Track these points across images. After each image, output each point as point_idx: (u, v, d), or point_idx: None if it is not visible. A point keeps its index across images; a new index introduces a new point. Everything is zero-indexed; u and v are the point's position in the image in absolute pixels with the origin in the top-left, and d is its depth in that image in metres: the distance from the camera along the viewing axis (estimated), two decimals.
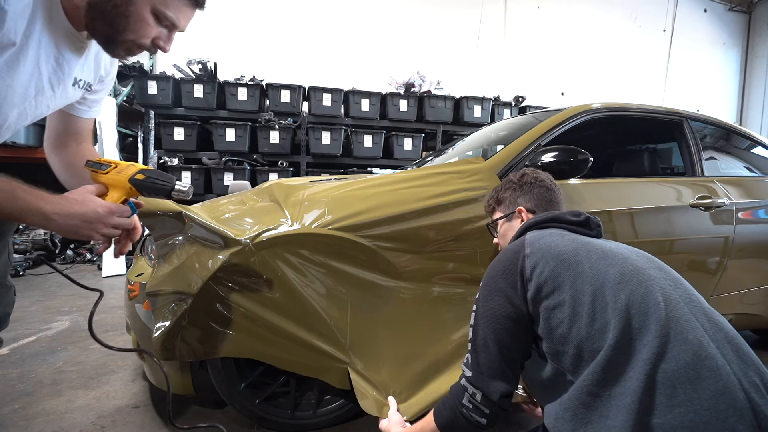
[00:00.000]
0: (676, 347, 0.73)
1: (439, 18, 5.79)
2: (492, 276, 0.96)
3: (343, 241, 1.30)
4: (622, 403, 0.72)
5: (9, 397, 1.67)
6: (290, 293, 1.30)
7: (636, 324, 0.76)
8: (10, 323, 1.07)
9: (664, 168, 2.39)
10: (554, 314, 0.84)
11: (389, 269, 1.35)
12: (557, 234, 0.97)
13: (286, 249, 1.29)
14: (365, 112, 4.53)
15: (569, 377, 0.82)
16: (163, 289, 1.32)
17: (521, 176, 1.21)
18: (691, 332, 0.75)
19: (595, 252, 0.88)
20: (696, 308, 0.81)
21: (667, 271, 0.91)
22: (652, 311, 0.77)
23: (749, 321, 2.09)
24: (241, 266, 1.28)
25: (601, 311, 0.79)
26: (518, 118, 2.30)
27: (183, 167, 4.07)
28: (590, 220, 1.02)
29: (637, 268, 0.85)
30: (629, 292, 0.79)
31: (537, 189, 1.17)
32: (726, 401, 0.68)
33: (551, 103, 5.16)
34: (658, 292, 0.80)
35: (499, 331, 0.90)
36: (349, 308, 1.34)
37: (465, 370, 0.95)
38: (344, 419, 1.51)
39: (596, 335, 0.78)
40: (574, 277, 0.84)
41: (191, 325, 1.27)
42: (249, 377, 1.43)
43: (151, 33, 0.84)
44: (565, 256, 0.88)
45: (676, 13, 6.87)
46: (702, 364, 0.71)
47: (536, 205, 1.16)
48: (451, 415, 0.93)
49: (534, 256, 0.90)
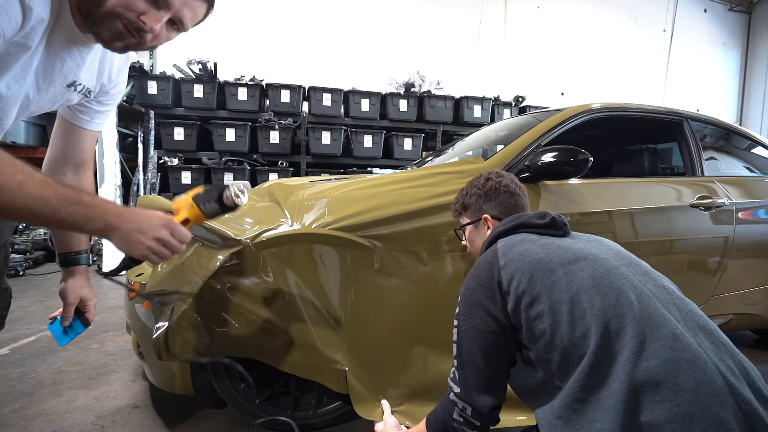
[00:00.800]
0: (653, 344, 0.74)
1: (439, 18, 5.79)
2: (470, 290, 0.95)
3: (343, 241, 1.30)
4: (608, 405, 0.73)
5: (9, 397, 1.67)
6: (290, 293, 1.30)
7: (614, 327, 0.78)
8: (9, 324, 1.07)
9: (664, 168, 2.39)
10: (536, 324, 0.85)
11: (389, 270, 1.35)
12: (527, 240, 0.96)
13: (286, 249, 1.29)
14: (365, 112, 4.53)
15: (557, 382, 0.84)
16: (163, 289, 1.32)
17: (485, 181, 1.20)
18: (666, 327, 0.76)
19: (566, 255, 0.89)
20: (666, 300, 0.83)
21: (636, 265, 0.91)
22: (626, 312, 0.78)
23: (749, 321, 2.09)
24: (241, 266, 1.28)
25: (579, 318, 0.80)
26: (518, 118, 2.30)
27: (183, 167, 4.07)
28: (556, 220, 1.01)
29: (607, 268, 0.86)
30: (603, 295, 0.81)
31: (501, 195, 1.17)
32: (706, 390, 0.70)
33: (551, 103, 5.15)
34: (629, 291, 0.81)
35: (483, 346, 0.91)
36: (349, 309, 1.34)
37: (453, 385, 0.95)
38: (344, 419, 1.51)
39: (578, 342, 0.80)
40: (550, 287, 0.85)
41: (191, 325, 1.27)
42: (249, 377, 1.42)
43: (137, 5, 0.75)
44: (539, 266, 0.88)
45: (676, 13, 6.87)
46: (680, 356, 0.73)
47: (501, 211, 1.16)
48: (443, 428, 0.94)
49: (509, 268, 0.91)
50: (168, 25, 0.80)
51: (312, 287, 1.31)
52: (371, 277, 1.34)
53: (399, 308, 1.38)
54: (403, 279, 1.37)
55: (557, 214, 1.02)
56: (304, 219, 1.33)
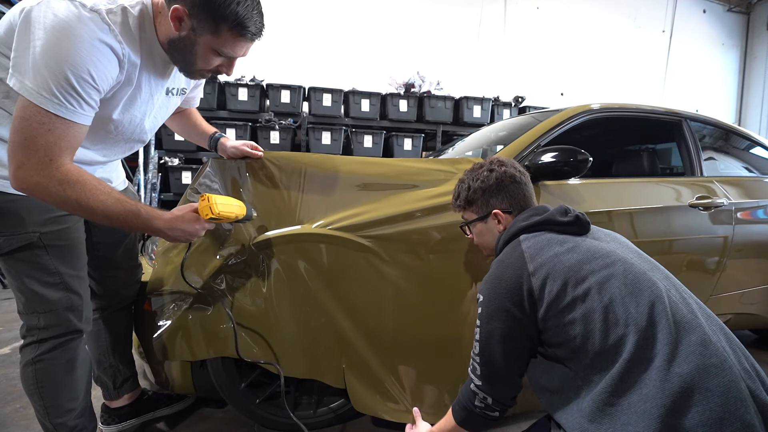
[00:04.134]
0: (684, 350, 0.76)
1: (438, 18, 5.79)
2: (494, 294, 0.94)
3: (344, 241, 1.30)
4: (641, 409, 0.75)
5: (10, 397, 1.67)
6: (290, 293, 1.30)
7: (647, 335, 0.79)
8: (10, 324, 1.12)
9: (663, 168, 2.40)
10: (566, 330, 0.86)
11: (390, 269, 1.36)
12: (555, 243, 0.94)
13: (287, 249, 1.29)
14: (365, 113, 4.54)
15: (579, 382, 0.85)
16: (163, 289, 1.32)
17: (488, 173, 1.14)
18: (695, 332, 0.78)
19: (596, 261, 0.88)
20: (691, 305, 0.85)
21: (657, 268, 0.93)
22: (658, 320, 0.80)
23: (748, 321, 2.10)
24: (241, 266, 1.28)
25: (613, 326, 0.81)
26: (518, 118, 2.31)
27: (183, 167, 4.07)
28: (579, 218, 0.99)
29: (636, 275, 0.86)
30: (636, 304, 0.82)
31: (508, 186, 1.12)
32: (733, 394, 0.72)
33: (551, 103, 5.16)
34: (660, 299, 0.82)
35: (505, 348, 0.93)
36: (349, 309, 1.35)
37: (473, 378, 0.99)
38: (344, 419, 1.52)
39: (610, 349, 0.81)
40: (583, 296, 0.85)
41: (191, 324, 1.28)
42: (249, 377, 1.43)
43: (214, 63, 1.06)
44: (570, 273, 0.87)
45: (675, 13, 6.88)
46: (709, 362, 0.75)
47: (511, 204, 1.12)
48: (466, 413, 1.02)
49: (540, 274, 0.89)
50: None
51: (312, 287, 1.31)
52: (371, 277, 1.35)
53: (398, 306, 1.38)
54: (403, 278, 1.37)
55: (577, 211, 1.01)
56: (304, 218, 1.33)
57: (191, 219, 1.09)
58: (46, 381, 1.12)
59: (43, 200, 0.93)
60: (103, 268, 1.31)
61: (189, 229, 1.08)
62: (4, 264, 1.08)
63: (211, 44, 1.01)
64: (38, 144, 0.88)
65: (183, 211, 1.09)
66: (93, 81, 0.92)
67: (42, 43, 0.86)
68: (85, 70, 0.89)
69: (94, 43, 0.90)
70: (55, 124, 0.89)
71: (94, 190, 0.94)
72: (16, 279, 1.08)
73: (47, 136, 0.89)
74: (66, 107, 0.89)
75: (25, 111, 0.87)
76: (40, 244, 1.06)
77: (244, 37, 1.01)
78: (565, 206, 1.03)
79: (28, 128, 0.87)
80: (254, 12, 1.00)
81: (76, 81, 0.89)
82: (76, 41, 0.87)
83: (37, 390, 1.13)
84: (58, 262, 1.09)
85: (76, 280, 1.13)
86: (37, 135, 0.88)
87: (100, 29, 0.91)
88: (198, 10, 0.96)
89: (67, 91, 0.88)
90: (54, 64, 0.86)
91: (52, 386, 1.13)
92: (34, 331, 1.11)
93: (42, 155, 0.89)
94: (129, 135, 1.16)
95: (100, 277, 1.31)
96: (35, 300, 1.09)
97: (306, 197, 1.35)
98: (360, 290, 1.35)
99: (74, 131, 0.93)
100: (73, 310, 1.12)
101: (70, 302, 1.12)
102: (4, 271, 1.09)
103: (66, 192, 0.91)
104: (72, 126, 0.92)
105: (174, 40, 1.02)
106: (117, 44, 0.95)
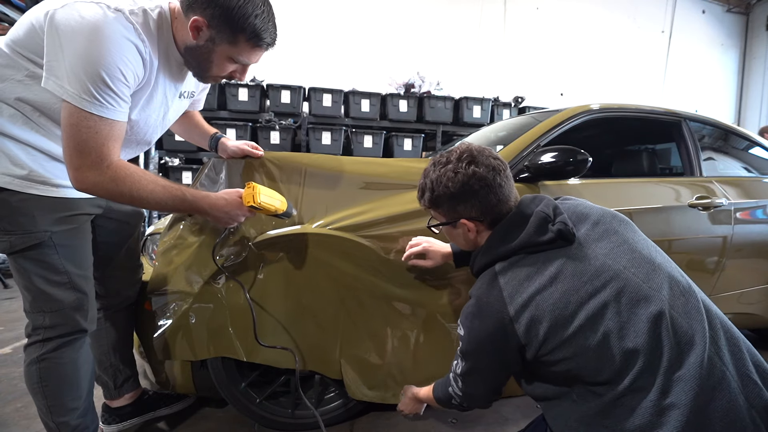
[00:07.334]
0: (684, 375, 0.75)
1: (438, 19, 5.80)
2: (475, 338, 0.90)
3: (344, 241, 1.31)
4: None
5: (11, 396, 1.68)
6: (290, 293, 1.31)
7: (643, 366, 0.77)
8: (11, 323, 1.13)
9: (662, 168, 2.40)
10: (558, 365, 0.84)
11: (390, 269, 1.36)
12: (536, 271, 0.86)
13: (287, 248, 1.30)
14: (365, 113, 4.54)
15: (574, 397, 0.85)
16: (163, 289, 1.32)
17: (454, 175, 0.94)
18: (694, 352, 0.76)
19: (584, 289, 0.81)
20: (693, 317, 0.81)
21: (660, 268, 0.86)
22: (658, 343, 0.78)
23: (747, 320, 2.10)
24: (241, 265, 1.28)
25: (608, 362, 0.79)
26: (518, 118, 2.31)
27: (184, 167, 4.07)
28: (562, 232, 0.88)
29: (631, 298, 0.80)
30: (634, 335, 0.78)
31: (477, 192, 0.94)
32: (731, 418, 0.72)
33: (550, 103, 5.16)
34: (663, 316, 0.79)
35: (487, 380, 0.96)
36: (349, 309, 1.35)
37: (453, 385, 1.02)
38: (344, 418, 1.52)
39: (604, 382, 0.80)
40: (574, 335, 0.80)
41: (192, 324, 1.28)
42: (249, 377, 1.43)
43: (228, 69, 1.11)
44: (558, 311, 0.81)
45: (674, 13, 6.89)
46: (707, 384, 0.74)
47: (482, 211, 0.96)
48: (444, 398, 1.10)
49: (522, 319, 0.83)
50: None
51: (311, 286, 1.32)
52: (372, 277, 1.35)
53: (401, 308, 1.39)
54: (405, 278, 1.37)
55: (561, 218, 0.91)
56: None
57: (235, 204, 1.14)
58: (49, 380, 1.13)
59: (101, 197, 1.02)
60: (106, 267, 1.32)
61: (231, 212, 1.15)
62: (13, 262, 1.08)
63: (228, 53, 1.06)
64: (90, 147, 0.95)
65: (229, 195, 1.15)
66: (124, 78, 0.96)
67: (74, 46, 0.90)
68: (116, 68, 0.93)
69: (121, 41, 0.94)
70: (100, 126, 0.95)
71: (142, 182, 1.01)
72: (24, 277, 1.08)
73: (96, 139, 0.95)
74: (106, 107, 0.95)
75: (72, 117, 0.93)
76: (51, 244, 1.07)
77: (260, 47, 1.08)
78: (544, 216, 0.91)
79: (78, 134, 0.94)
80: (269, 24, 1.06)
81: (110, 80, 0.93)
82: (105, 41, 0.91)
83: (41, 388, 1.13)
84: (67, 262, 1.10)
85: (83, 280, 1.14)
86: (88, 139, 0.94)
87: (125, 28, 0.95)
88: (217, 22, 1.00)
89: (104, 91, 0.93)
90: (89, 67, 0.90)
91: (56, 385, 1.13)
92: (40, 329, 1.11)
93: (94, 157, 0.95)
94: (141, 136, 1.18)
95: (102, 277, 1.32)
96: (42, 299, 1.09)
97: (306, 197, 1.35)
98: (361, 291, 1.35)
99: (117, 128, 0.99)
100: (79, 310, 1.13)
101: (77, 302, 1.12)
102: (12, 269, 1.09)
103: (119, 187, 0.98)
104: (114, 124, 0.98)
105: (191, 47, 1.06)
106: (140, 43, 0.98)
